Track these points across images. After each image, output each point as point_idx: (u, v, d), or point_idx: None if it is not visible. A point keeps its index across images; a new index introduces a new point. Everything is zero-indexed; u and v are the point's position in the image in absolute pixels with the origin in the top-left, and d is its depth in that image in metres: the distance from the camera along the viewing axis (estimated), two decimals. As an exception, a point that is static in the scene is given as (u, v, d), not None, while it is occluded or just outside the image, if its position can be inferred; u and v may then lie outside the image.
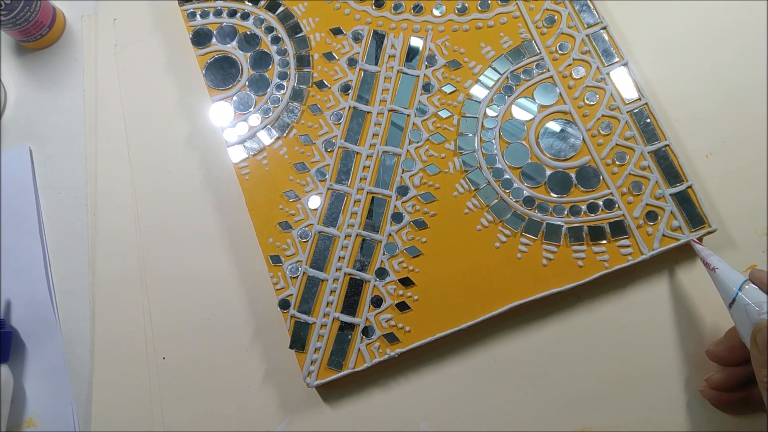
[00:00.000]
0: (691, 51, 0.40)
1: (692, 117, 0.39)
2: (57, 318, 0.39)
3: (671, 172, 0.36)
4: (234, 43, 0.41)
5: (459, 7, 0.40)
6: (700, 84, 0.39)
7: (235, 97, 0.39)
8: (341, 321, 0.35)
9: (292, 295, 0.36)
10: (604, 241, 0.35)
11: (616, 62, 0.38)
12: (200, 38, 0.41)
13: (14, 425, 0.36)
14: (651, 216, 0.35)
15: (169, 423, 0.37)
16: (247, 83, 0.40)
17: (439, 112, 0.38)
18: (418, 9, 0.40)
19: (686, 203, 0.35)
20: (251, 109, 0.39)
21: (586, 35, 0.38)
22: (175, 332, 0.38)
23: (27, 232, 0.40)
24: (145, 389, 0.37)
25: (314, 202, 0.37)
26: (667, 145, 0.36)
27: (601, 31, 0.38)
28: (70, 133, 0.43)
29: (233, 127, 0.39)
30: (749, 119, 0.38)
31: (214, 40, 0.41)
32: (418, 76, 0.39)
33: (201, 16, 0.41)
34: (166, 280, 0.39)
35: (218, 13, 0.41)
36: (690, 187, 0.35)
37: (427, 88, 0.39)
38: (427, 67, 0.39)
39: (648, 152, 0.36)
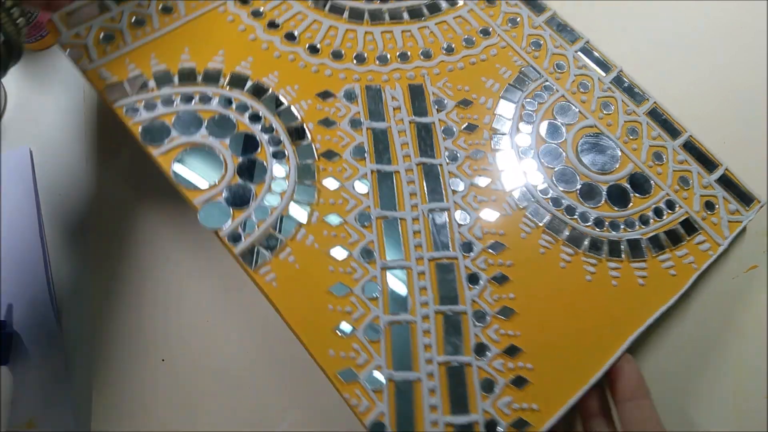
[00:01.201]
0: (692, 52, 0.40)
1: (693, 118, 0.39)
2: (57, 320, 0.36)
3: (704, 160, 0.36)
4: (203, 131, 0.33)
5: (445, 47, 0.37)
6: (700, 85, 0.40)
7: (224, 193, 0.31)
8: (454, 425, 0.28)
9: (383, 413, 0.27)
10: (683, 243, 0.33)
11: (612, 71, 0.38)
12: (153, 135, 0.32)
13: (14, 427, 0.34)
14: (708, 206, 0.34)
15: (169, 425, 0.33)
16: (236, 173, 0.32)
17: (470, 154, 0.34)
18: (404, 57, 0.37)
19: (731, 185, 0.35)
20: (253, 203, 0.31)
21: (575, 51, 0.38)
22: (175, 334, 0.34)
23: (27, 235, 0.38)
24: (145, 391, 0.34)
25: (371, 289, 0.30)
26: (690, 136, 0.36)
27: (586, 45, 0.38)
28: (70, 133, 0.41)
29: (235, 228, 0.30)
30: (750, 120, 0.39)
31: (174, 132, 0.33)
32: (433, 122, 0.35)
33: (146, 109, 0.33)
34: (166, 280, 0.35)
35: (168, 101, 0.33)
36: (726, 169, 0.35)
37: (447, 132, 0.34)
38: (438, 111, 0.35)
39: (678, 146, 0.36)
